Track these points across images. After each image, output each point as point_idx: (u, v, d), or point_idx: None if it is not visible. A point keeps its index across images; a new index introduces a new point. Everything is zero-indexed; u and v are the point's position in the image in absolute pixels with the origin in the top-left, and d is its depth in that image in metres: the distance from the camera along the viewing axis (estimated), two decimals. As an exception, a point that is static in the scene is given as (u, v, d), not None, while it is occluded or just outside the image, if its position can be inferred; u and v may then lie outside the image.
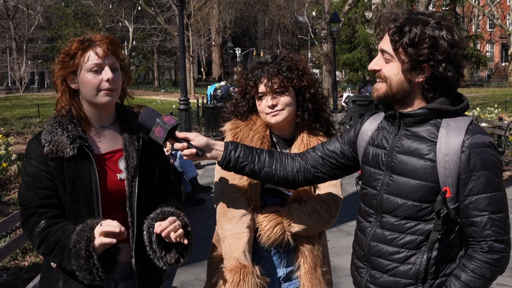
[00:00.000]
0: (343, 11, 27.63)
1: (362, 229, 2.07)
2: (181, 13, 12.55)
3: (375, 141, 2.03)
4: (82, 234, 1.87)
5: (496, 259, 1.81)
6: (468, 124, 1.84)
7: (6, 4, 50.40)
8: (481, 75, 54.99)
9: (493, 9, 33.61)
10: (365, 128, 2.11)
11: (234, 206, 2.29)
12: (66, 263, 1.93)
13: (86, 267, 1.86)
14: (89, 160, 2.02)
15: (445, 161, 1.82)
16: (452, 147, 1.81)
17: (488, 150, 1.81)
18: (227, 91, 23.99)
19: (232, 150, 2.13)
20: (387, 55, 1.89)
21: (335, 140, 2.22)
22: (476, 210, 1.81)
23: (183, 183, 8.06)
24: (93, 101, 2.06)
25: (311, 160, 2.20)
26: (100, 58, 2.00)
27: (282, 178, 2.19)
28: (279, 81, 2.29)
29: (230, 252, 2.23)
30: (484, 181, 1.79)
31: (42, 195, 2.00)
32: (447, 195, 1.82)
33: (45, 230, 1.96)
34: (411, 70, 1.86)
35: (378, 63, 1.94)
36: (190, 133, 2.11)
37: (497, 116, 14.59)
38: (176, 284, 5.00)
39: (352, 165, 2.19)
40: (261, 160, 2.16)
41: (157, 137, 2.03)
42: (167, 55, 55.60)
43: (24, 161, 2.06)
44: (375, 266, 2.00)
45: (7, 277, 5.06)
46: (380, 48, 1.92)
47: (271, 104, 2.30)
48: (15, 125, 17.97)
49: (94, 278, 1.87)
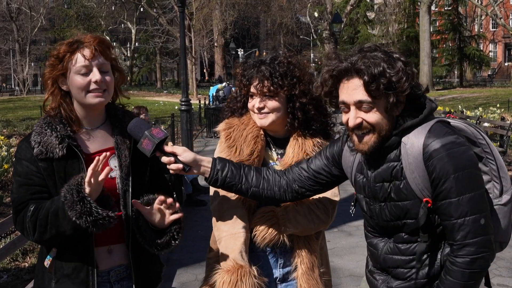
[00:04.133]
0: (345, 12, 27.64)
1: (373, 244, 2.08)
2: (181, 14, 12.55)
3: (360, 169, 2.02)
4: (70, 186, 1.88)
5: (466, 262, 1.79)
6: (426, 132, 1.81)
7: (9, 6, 50.55)
8: (483, 75, 54.87)
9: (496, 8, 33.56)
10: (346, 153, 2.09)
11: (230, 206, 2.28)
12: (63, 226, 1.91)
13: (84, 210, 1.86)
14: (78, 160, 2.02)
15: (414, 178, 1.82)
16: (415, 162, 1.81)
17: (451, 152, 1.76)
18: (230, 92, 23.97)
19: (220, 170, 2.14)
20: (367, 104, 1.81)
21: (320, 159, 2.18)
22: (444, 215, 1.82)
23: (184, 184, 8.05)
24: (83, 103, 2.06)
25: (298, 180, 2.19)
26: (87, 60, 2.00)
27: (270, 197, 2.20)
28: (269, 85, 2.25)
29: (227, 253, 2.23)
30: (452, 185, 1.77)
31: (33, 191, 2.01)
32: (429, 204, 1.82)
33: (34, 212, 1.96)
34: (396, 106, 1.83)
35: (358, 116, 1.84)
36: (178, 148, 2.10)
37: (499, 116, 14.54)
38: (175, 285, 4.99)
39: (341, 179, 2.20)
40: (249, 180, 2.16)
41: (144, 149, 2.03)
42: (170, 56, 55.70)
43: (15, 162, 2.07)
44: (395, 276, 2.02)
45: (7, 278, 5.06)
46: (354, 101, 1.82)
47: (258, 107, 2.28)
48: (18, 126, 18.01)
49: (97, 218, 1.87)
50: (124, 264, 2.14)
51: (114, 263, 2.11)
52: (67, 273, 2.03)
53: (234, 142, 2.32)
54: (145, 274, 2.18)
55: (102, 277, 2.08)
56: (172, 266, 5.37)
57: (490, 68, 54.04)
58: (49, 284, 2.06)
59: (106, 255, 2.09)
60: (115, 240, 2.10)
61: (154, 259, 2.24)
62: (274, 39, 57.64)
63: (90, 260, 2.03)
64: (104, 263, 2.09)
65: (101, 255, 2.08)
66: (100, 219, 1.88)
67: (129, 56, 55.41)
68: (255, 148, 2.30)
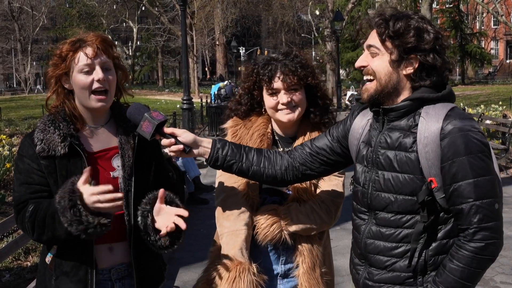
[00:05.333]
0: (346, 10, 27.60)
1: (357, 227, 2.05)
2: (183, 12, 12.58)
3: (366, 139, 2.02)
4: (64, 190, 1.85)
5: (480, 247, 1.76)
6: (448, 110, 1.81)
7: (11, 5, 50.60)
8: (485, 72, 54.79)
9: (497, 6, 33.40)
10: (355, 125, 2.09)
11: (232, 203, 2.28)
12: (60, 230, 1.90)
13: (74, 218, 1.83)
14: (81, 158, 2.02)
15: (426, 152, 1.80)
16: (431, 137, 1.79)
17: (468, 135, 1.76)
18: (231, 90, 23.99)
19: (220, 148, 2.12)
20: (374, 48, 1.89)
21: (323, 137, 2.19)
22: (460, 197, 1.78)
23: (186, 183, 8.05)
24: (86, 104, 2.06)
25: (299, 157, 2.17)
26: (89, 59, 2.00)
27: (271, 176, 2.17)
28: (297, 77, 2.25)
29: (227, 249, 2.23)
30: (466, 167, 1.75)
31: (33, 189, 2.01)
32: (433, 185, 1.80)
33: (33, 212, 1.96)
34: (399, 61, 1.86)
35: (365, 59, 1.93)
36: (177, 129, 2.10)
37: (501, 114, 14.51)
38: (178, 284, 5.00)
39: (343, 161, 2.17)
40: (249, 159, 2.14)
41: (144, 132, 2.01)
42: (171, 54, 55.67)
43: (16, 158, 2.07)
44: (373, 264, 1.98)
45: (9, 277, 5.07)
46: (366, 44, 1.93)
47: (286, 101, 2.26)
48: (20, 126, 18.00)
49: (88, 226, 1.83)
50: (126, 263, 2.14)
51: (115, 261, 2.11)
52: (66, 270, 2.03)
53: (240, 140, 2.32)
54: (147, 272, 2.18)
55: (103, 275, 2.09)
56: (174, 265, 5.37)
57: (492, 66, 53.91)
58: (49, 281, 2.06)
59: (107, 253, 2.09)
60: (117, 238, 2.10)
61: (157, 258, 2.24)
62: (276, 37, 57.61)
63: (89, 258, 2.03)
64: (104, 261, 2.09)
65: (102, 253, 2.08)
66: (91, 227, 1.85)
67: (130, 55, 55.38)
68: (261, 146, 2.30)
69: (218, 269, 2.23)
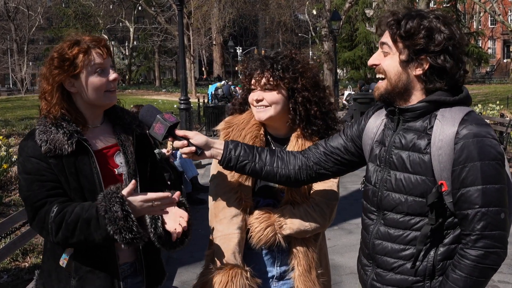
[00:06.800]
0: (343, 9, 27.57)
1: (366, 227, 2.05)
2: (180, 12, 12.57)
3: (380, 139, 2.01)
4: (111, 199, 1.88)
5: (481, 255, 1.74)
6: (464, 115, 1.80)
7: (7, 5, 50.47)
8: (482, 71, 54.92)
9: (494, 5, 33.46)
10: (370, 125, 2.08)
11: (225, 206, 2.27)
12: (94, 235, 1.91)
13: (126, 227, 1.87)
14: (89, 155, 2.02)
15: (439, 155, 1.79)
16: (445, 140, 1.78)
17: (483, 141, 1.75)
18: (228, 90, 23.99)
19: (232, 149, 2.12)
20: (386, 47, 1.89)
21: (338, 136, 2.18)
22: (466, 203, 1.76)
23: (184, 183, 8.05)
24: (96, 103, 2.07)
25: (313, 157, 2.16)
26: (103, 60, 2.04)
27: (284, 176, 2.16)
28: (269, 76, 2.23)
29: (220, 253, 2.23)
30: (477, 173, 1.73)
31: (49, 187, 1.98)
32: (444, 188, 1.78)
33: (60, 213, 1.93)
34: (408, 61, 1.85)
35: (377, 58, 1.94)
36: (189, 132, 2.11)
37: (498, 113, 14.54)
38: (176, 284, 4.99)
39: (357, 160, 2.15)
40: (262, 159, 2.13)
41: (156, 134, 2.04)
42: (168, 54, 55.63)
43: (21, 160, 2.01)
44: (380, 265, 1.97)
45: (7, 278, 5.05)
46: (380, 42, 1.93)
47: (256, 99, 2.27)
48: (17, 126, 17.95)
49: (135, 236, 1.89)
50: (129, 262, 2.16)
51: (119, 261, 2.11)
52: (90, 269, 2.03)
53: None
54: (154, 269, 2.22)
55: None
56: (172, 265, 5.37)
57: (489, 65, 54.06)
58: (67, 283, 2.04)
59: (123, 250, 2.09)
60: None
61: (158, 253, 2.28)
62: (273, 37, 57.62)
63: (112, 253, 2.07)
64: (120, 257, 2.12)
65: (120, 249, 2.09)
66: (138, 238, 1.90)
67: (127, 55, 55.37)
68: None
69: (211, 274, 2.22)
